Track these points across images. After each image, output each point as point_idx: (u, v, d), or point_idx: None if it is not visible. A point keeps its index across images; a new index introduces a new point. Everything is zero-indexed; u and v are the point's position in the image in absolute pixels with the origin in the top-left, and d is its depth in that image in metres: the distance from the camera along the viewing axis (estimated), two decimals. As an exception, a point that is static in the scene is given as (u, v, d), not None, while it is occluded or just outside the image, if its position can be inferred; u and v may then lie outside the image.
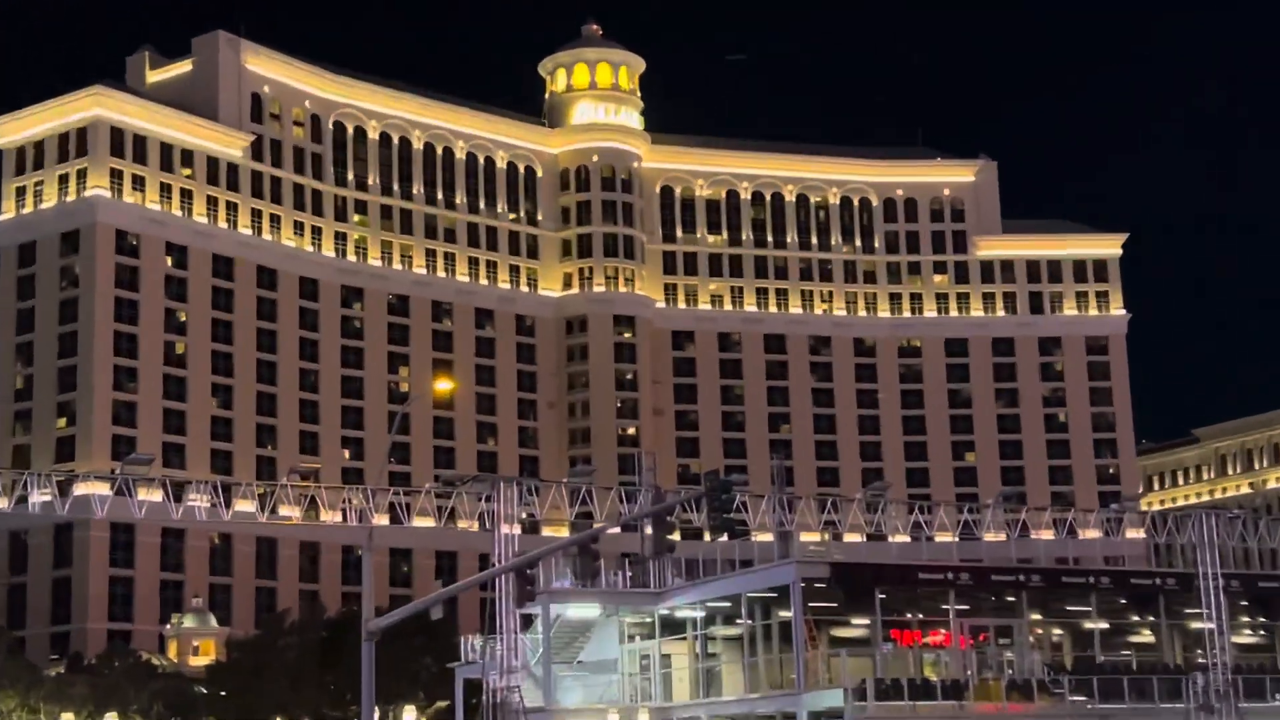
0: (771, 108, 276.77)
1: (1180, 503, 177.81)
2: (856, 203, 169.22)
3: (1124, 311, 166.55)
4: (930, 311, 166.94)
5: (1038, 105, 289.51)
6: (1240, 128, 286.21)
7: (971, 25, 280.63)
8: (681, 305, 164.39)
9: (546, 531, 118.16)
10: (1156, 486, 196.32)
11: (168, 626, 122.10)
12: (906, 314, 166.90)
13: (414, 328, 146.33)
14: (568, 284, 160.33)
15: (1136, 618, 58.47)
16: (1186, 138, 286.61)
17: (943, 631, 53.16)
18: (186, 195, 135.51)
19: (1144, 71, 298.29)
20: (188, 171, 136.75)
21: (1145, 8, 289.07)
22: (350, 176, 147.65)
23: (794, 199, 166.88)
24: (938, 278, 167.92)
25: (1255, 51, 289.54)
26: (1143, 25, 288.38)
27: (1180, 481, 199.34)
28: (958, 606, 52.58)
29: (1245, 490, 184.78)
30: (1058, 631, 58.44)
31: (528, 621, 55.59)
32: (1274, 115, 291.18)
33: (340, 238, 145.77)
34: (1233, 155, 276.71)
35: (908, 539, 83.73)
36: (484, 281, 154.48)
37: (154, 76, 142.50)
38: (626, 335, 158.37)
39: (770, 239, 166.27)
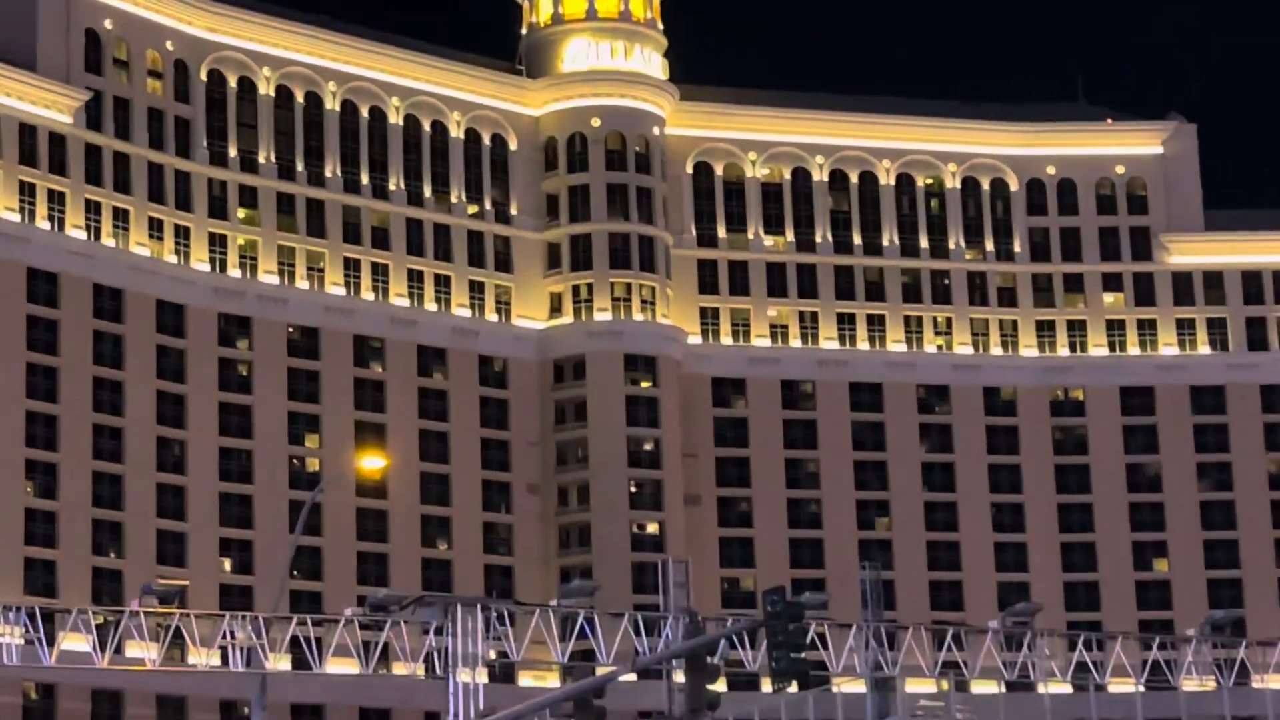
0: (857, 48, 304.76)
1: None
2: (987, 186, 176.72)
3: None
4: (1099, 348, 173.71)
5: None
6: None
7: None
8: (726, 340, 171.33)
9: (525, 679, 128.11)
10: None
11: None
12: (1063, 352, 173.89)
13: (327, 375, 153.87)
14: (556, 309, 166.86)
15: None
16: None
17: None
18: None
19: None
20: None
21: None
22: (232, 152, 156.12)
23: (893, 181, 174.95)
24: (1109, 298, 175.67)
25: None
26: None
27: None
28: None
29: None
30: None
31: None
32: None
33: (218, 242, 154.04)
34: None
35: (1069, 688, 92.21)
36: (431, 307, 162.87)
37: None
38: (644, 385, 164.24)
39: (858, 241, 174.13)
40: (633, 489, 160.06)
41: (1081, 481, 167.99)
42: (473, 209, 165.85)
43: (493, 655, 70.47)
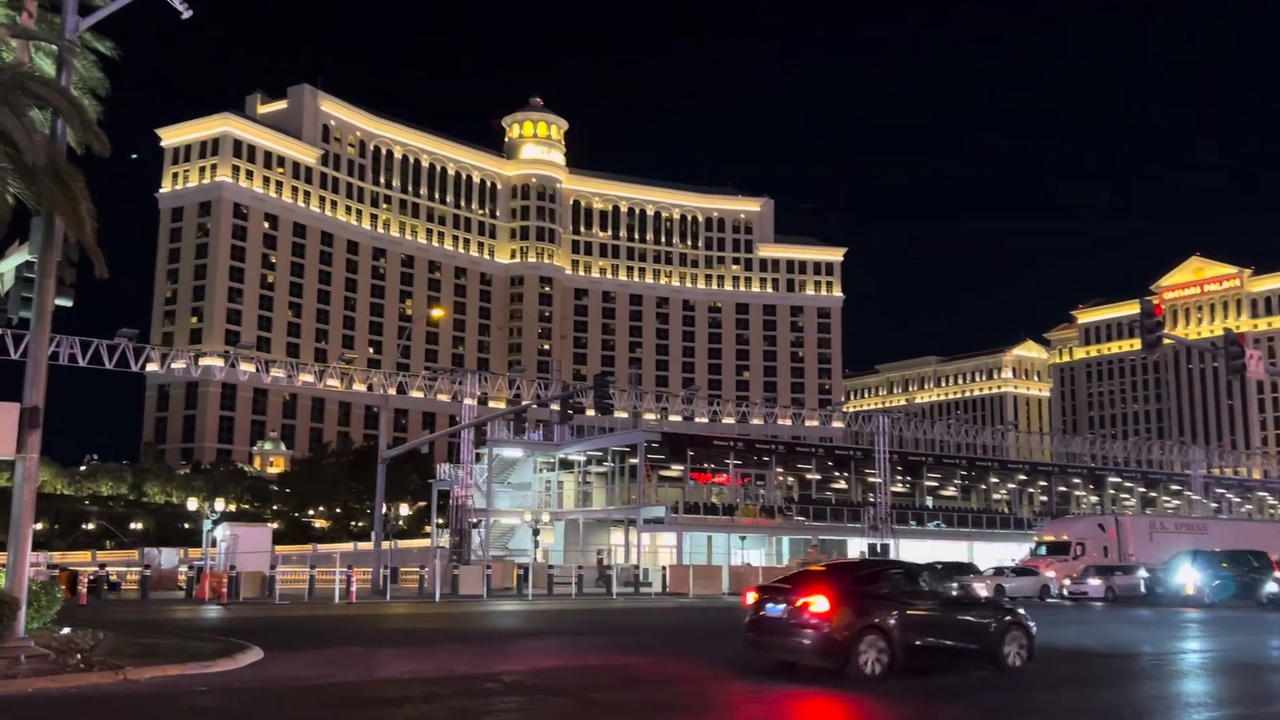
0: (645, 155, 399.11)
1: (866, 408, 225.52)
2: (690, 219, 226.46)
3: (841, 294, 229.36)
4: (729, 287, 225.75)
5: (799, 167, 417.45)
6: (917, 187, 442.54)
7: (766, 120, 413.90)
8: (581, 273, 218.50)
9: (493, 404, 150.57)
10: (853, 397, 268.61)
11: (254, 448, 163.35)
12: (714, 287, 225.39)
13: (416, 277, 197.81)
14: (514, 255, 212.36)
15: (837, 473, 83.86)
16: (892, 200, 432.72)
17: (724, 475, 75.28)
18: (279, 185, 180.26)
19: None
20: (281, 170, 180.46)
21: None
22: (383, 180, 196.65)
23: (653, 214, 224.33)
24: (734, 266, 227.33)
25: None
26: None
27: (867, 395, 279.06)
28: (735, 462, 74.02)
29: (903, 403, 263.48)
30: (791, 479, 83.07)
31: (479, 457, 73.53)
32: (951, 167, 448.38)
33: (374, 217, 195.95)
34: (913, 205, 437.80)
35: (706, 420, 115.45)
36: (462, 250, 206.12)
37: (263, 109, 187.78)
38: (547, 289, 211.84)
39: (637, 236, 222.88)
40: (539, 331, 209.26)
41: (718, 340, 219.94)
42: (482, 212, 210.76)
43: (480, 394, 76.18)
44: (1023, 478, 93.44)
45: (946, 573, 65.21)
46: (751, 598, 19.99)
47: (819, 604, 18.44)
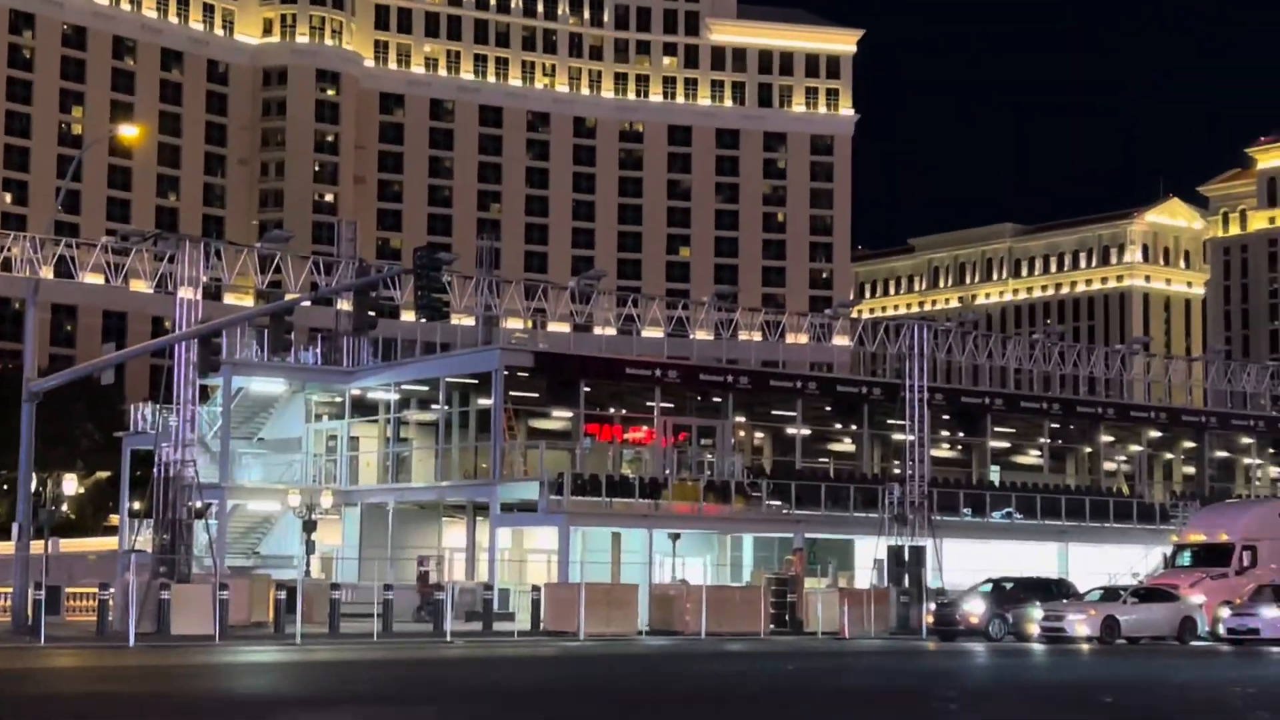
0: None
1: (891, 312, 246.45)
2: None
3: (852, 112, 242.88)
4: (656, 95, 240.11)
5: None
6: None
7: None
8: (393, 66, 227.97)
9: (230, 299, 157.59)
10: (868, 294, 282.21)
11: None
12: (631, 96, 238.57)
13: (91, 64, 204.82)
14: (268, 31, 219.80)
15: (839, 425, 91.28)
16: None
17: (645, 428, 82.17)
18: None
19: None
20: None
21: None
22: None
23: None
24: (666, 60, 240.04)
25: None
26: None
27: (892, 290, 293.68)
28: (663, 404, 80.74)
29: (955, 304, 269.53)
30: (760, 435, 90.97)
31: (206, 393, 77.17)
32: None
33: None
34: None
35: (615, 332, 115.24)
36: (173, 19, 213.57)
37: None
38: (330, 93, 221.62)
39: (493, 2, 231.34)
40: (316, 168, 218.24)
41: (636, 189, 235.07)
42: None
43: (208, 279, 77.47)
44: (1156, 435, 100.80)
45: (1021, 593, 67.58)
46: None
47: None
